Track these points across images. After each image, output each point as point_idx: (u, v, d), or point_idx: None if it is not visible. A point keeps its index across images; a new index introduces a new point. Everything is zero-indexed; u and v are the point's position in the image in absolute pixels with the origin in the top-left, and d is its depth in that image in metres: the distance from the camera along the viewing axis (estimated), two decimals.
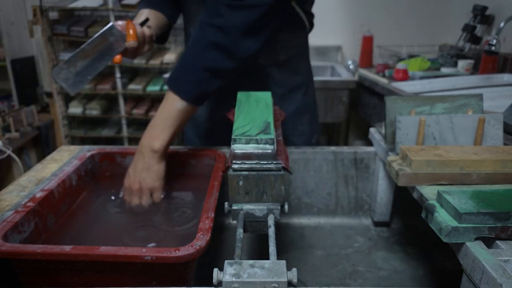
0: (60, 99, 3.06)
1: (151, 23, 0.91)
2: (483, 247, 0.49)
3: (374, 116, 2.09)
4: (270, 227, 0.58)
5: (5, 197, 0.72)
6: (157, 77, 3.10)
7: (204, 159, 0.89)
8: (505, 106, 1.13)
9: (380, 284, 0.79)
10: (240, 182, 0.60)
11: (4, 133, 2.33)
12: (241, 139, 0.61)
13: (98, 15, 3.06)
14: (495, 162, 0.63)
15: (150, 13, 0.93)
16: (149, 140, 0.76)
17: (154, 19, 0.92)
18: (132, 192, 0.77)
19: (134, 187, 0.77)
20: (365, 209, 1.00)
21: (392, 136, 0.77)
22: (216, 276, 0.44)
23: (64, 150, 0.95)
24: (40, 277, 0.58)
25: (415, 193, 0.66)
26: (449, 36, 2.60)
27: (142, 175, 0.76)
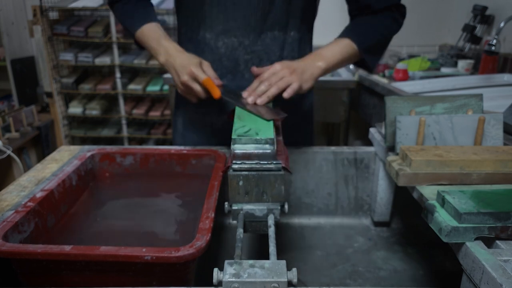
0: (60, 99, 3.06)
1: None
2: (483, 247, 0.49)
3: (374, 116, 2.09)
4: (270, 227, 0.58)
5: (5, 197, 0.72)
6: (157, 77, 3.10)
7: (204, 159, 0.89)
8: (505, 106, 1.13)
9: (380, 284, 0.79)
10: (240, 182, 0.60)
11: (4, 133, 2.33)
12: (241, 139, 0.61)
13: (98, 15, 3.06)
14: (495, 162, 0.63)
15: (160, 28, 0.93)
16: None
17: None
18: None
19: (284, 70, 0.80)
20: (365, 209, 1.00)
21: (392, 136, 0.77)
22: (216, 276, 0.44)
23: (64, 150, 0.95)
24: (40, 277, 0.58)
25: (415, 193, 0.66)
26: (449, 36, 2.60)
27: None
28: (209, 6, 0.92)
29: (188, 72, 0.81)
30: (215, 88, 0.79)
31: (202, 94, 0.82)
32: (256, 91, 0.79)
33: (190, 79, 0.81)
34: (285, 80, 0.79)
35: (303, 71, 0.82)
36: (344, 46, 0.88)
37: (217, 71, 0.97)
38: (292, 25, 0.94)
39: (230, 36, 0.94)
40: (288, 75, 0.79)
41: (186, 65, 0.81)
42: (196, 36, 0.97)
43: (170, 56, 0.85)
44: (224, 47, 0.95)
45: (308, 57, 0.86)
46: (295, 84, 0.79)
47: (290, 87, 0.79)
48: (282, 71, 0.79)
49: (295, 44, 0.96)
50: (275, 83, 0.78)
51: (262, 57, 0.95)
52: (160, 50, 0.87)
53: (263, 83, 0.79)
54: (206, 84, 0.80)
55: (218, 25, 0.93)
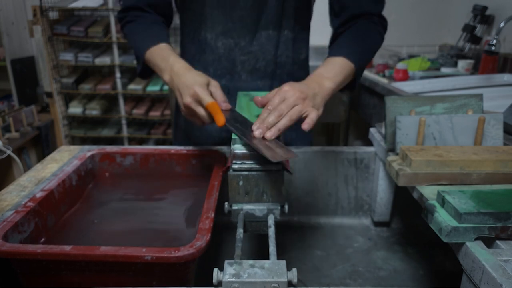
0: (60, 99, 3.06)
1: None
2: (483, 247, 0.49)
3: (374, 116, 2.09)
4: (270, 227, 0.58)
5: (5, 197, 0.72)
6: (157, 77, 3.10)
7: (204, 159, 0.89)
8: (505, 106, 1.13)
9: (380, 284, 0.79)
10: (240, 182, 0.60)
11: (4, 133, 2.33)
12: (241, 139, 0.61)
13: (98, 15, 3.06)
14: (495, 162, 0.63)
15: (170, 48, 0.87)
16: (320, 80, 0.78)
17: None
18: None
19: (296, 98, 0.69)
20: (365, 209, 1.00)
21: (392, 136, 0.77)
22: (216, 276, 0.44)
23: (64, 150, 0.95)
24: (40, 277, 0.58)
25: (415, 193, 0.66)
26: (449, 36, 2.60)
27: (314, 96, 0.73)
28: (210, 7, 0.93)
29: (192, 94, 0.71)
30: (219, 114, 0.68)
31: (207, 120, 0.72)
32: (265, 122, 0.65)
33: (194, 101, 0.71)
34: (297, 109, 0.67)
35: (314, 95, 0.72)
36: (342, 65, 0.81)
37: (217, 71, 0.98)
38: (286, 24, 0.95)
39: (228, 37, 0.95)
40: (301, 103, 0.68)
41: (190, 85, 0.71)
42: (198, 37, 0.97)
43: (175, 74, 0.76)
44: (222, 48, 0.96)
45: (312, 79, 0.77)
46: (314, 113, 0.67)
47: (310, 118, 0.67)
48: (292, 97, 0.67)
49: (289, 43, 0.97)
50: (287, 113, 0.66)
51: (258, 57, 0.96)
52: (165, 68, 0.80)
53: (273, 113, 0.66)
54: (210, 109, 0.69)
55: (218, 26, 0.94)
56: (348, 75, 0.82)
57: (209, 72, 0.98)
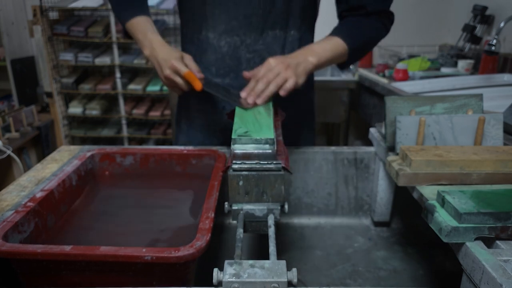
0: (60, 99, 3.06)
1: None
2: (483, 247, 0.49)
3: (374, 116, 2.09)
4: (270, 227, 0.58)
5: (5, 197, 0.72)
6: (157, 77, 3.10)
7: (204, 159, 0.89)
8: (505, 106, 1.13)
9: (380, 284, 0.79)
10: (240, 182, 0.60)
11: (4, 133, 2.33)
12: (241, 139, 0.61)
13: (98, 15, 3.06)
14: (495, 162, 0.63)
15: (149, 21, 0.94)
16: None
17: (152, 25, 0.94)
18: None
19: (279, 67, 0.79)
20: (365, 209, 1.00)
21: (392, 136, 0.77)
22: (216, 276, 0.44)
23: (64, 150, 0.95)
24: (40, 277, 0.58)
25: (415, 193, 0.66)
26: (449, 36, 2.60)
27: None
28: (211, 6, 0.92)
29: (170, 66, 0.82)
30: (196, 81, 0.81)
31: (185, 87, 0.84)
32: (255, 90, 0.77)
33: (172, 72, 0.82)
34: (281, 76, 0.77)
35: (297, 65, 0.81)
36: (335, 45, 0.88)
37: (220, 70, 0.97)
38: (292, 25, 0.95)
39: (232, 35, 0.94)
40: (284, 71, 0.78)
41: (167, 59, 0.83)
42: (198, 36, 0.97)
43: (153, 50, 0.86)
44: (226, 46, 0.95)
45: (300, 52, 0.86)
46: (291, 80, 0.78)
47: (286, 84, 0.77)
48: (277, 66, 0.78)
49: (296, 43, 0.97)
50: (273, 80, 0.77)
51: (264, 56, 0.96)
52: (145, 43, 0.88)
53: (261, 81, 0.77)
54: (187, 77, 0.81)
55: (220, 25, 0.94)
56: (339, 53, 0.88)
57: (211, 71, 0.98)
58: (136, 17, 0.92)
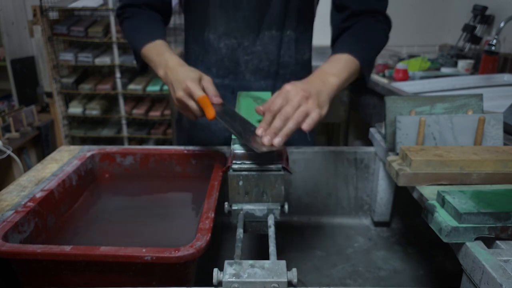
0: (60, 99, 3.06)
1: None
2: (483, 247, 0.49)
3: (374, 116, 2.09)
4: (270, 227, 0.58)
5: (5, 197, 0.72)
6: (157, 77, 3.09)
7: (204, 159, 0.89)
8: (505, 106, 1.13)
9: (380, 284, 0.79)
10: (240, 182, 0.60)
11: (4, 133, 2.33)
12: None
13: (98, 15, 3.06)
14: (495, 162, 0.63)
15: (167, 44, 0.88)
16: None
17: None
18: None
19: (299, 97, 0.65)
20: (365, 209, 1.00)
21: (392, 136, 0.77)
22: (216, 276, 0.44)
23: (64, 150, 0.95)
24: (40, 277, 0.58)
25: (415, 193, 0.66)
26: (449, 36, 2.60)
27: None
28: (213, 7, 0.93)
29: (184, 88, 0.73)
30: (209, 108, 0.70)
31: (198, 113, 0.74)
32: (271, 128, 0.62)
33: (185, 95, 0.73)
34: (302, 110, 0.63)
35: (318, 93, 0.68)
36: (347, 62, 0.78)
37: (220, 71, 0.98)
38: (289, 25, 0.95)
39: (231, 37, 0.95)
40: (305, 102, 0.65)
41: (182, 80, 0.74)
42: (201, 37, 0.98)
43: (169, 69, 0.79)
44: (225, 48, 0.96)
45: (316, 76, 0.74)
46: (315, 113, 0.64)
47: (310, 118, 0.64)
48: (296, 97, 0.64)
49: (292, 44, 0.97)
50: (292, 116, 0.63)
51: (261, 57, 0.96)
52: (160, 63, 0.81)
53: (278, 117, 0.62)
54: (200, 102, 0.72)
55: (221, 26, 0.94)
56: (353, 71, 0.79)
57: (212, 72, 0.98)
58: (153, 41, 0.86)
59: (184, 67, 0.78)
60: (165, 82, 0.80)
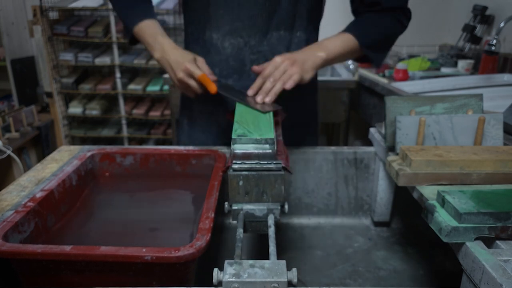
0: (60, 99, 3.06)
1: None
2: (483, 247, 0.49)
3: (374, 116, 2.09)
4: (270, 227, 0.58)
5: (5, 197, 0.72)
6: (157, 77, 3.10)
7: (204, 159, 0.89)
8: (505, 106, 1.13)
9: (380, 284, 0.79)
10: (240, 182, 0.60)
11: (4, 133, 2.33)
12: (241, 139, 0.61)
13: (98, 15, 3.06)
14: (495, 162, 0.63)
15: (158, 24, 0.93)
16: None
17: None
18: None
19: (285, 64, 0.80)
20: (365, 209, 1.00)
21: (392, 136, 0.77)
22: (216, 276, 0.44)
23: (64, 150, 0.95)
24: (40, 277, 0.58)
25: (415, 193, 0.66)
26: (449, 36, 2.60)
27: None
28: (215, 6, 0.92)
29: (183, 69, 0.82)
30: (211, 84, 0.81)
31: (199, 90, 0.84)
32: (263, 89, 0.79)
33: (186, 75, 0.83)
34: (288, 73, 0.79)
35: (304, 61, 0.82)
36: (345, 40, 0.89)
37: (224, 71, 0.97)
38: (299, 25, 0.94)
39: (236, 36, 0.93)
40: (290, 67, 0.79)
41: (180, 62, 0.83)
42: (202, 36, 0.96)
43: (165, 53, 0.87)
44: (230, 47, 0.95)
45: (309, 48, 0.87)
46: (296, 75, 0.79)
47: (291, 79, 0.79)
48: (283, 63, 0.79)
49: (303, 45, 0.96)
50: (280, 78, 0.79)
51: (268, 57, 0.95)
52: (155, 46, 0.88)
53: (268, 80, 0.79)
54: (201, 80, 0.82)
55: (225, 26, 0.93)
56: (350, 49, 0.89)
57: (215, 72, 0.97)
58: (144, 21, 0.92)
59: (179, 50, 0.87)
60: (161, 63, 0.89)
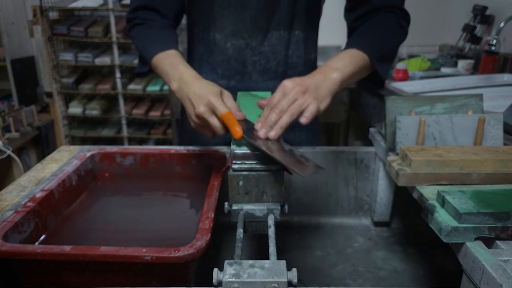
0: (60, 99, 3.06)
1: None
2: (483, 247, 0.49)
3: (374, 116, 2.09)
4: (270, 227, 0.58)
5: (5, 197, 0.72)
6: (157, 77, 3.10)
7: (204, 159, 0.89)
8: (505, 106, 1.13)
9: (380, 284, 0.79)
10: (240, 182, 0.60)
11: (4, 133, 2.33)
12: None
13: (98, 15, 3.06)
14: (495, 162, 0.63)
15: (180, 55, 0.84)
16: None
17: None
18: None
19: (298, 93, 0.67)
20: (365, 209, 1.00)
21: (392, 136, 0.77)
22: (216, 276, 0.44)
23: (64, 150, 0.95)
24: (40, 277, 0.58)
25: (415, 193, 0.66)
26: (449, 36, 2.60)
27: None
28: (220, 7, 0.91)
29: (206, 103, 0.67)
30: (236, 126, 0.63)
31: (221, 131, 0.67)
32: (266, 121, 0.64)
33: (208, 111, 0.67)
34: (298, 103, 0.65)
35: (317, 86, 0.69)
36: (354, 56, 0.78)
37: (226, 72, 0.97)
38: (297, 25, 0.94)
39: (238, 37, 0.93)
40: (301, 96, 0.66)
41: (203, 95, 0.68)
42: (207, 37, 0.96)
43: (184, 83, 0.73)
44: (232, 49, 0.95)
45: (318, 71, 0.75)
46: (312, 105, 0.66)
47: (308, 111, 0.65)
48: (293, 91, 0.66)
49: (301, 44, 0.96)
50: (288, 109, 0.65)
51: (269, 58, 0.95)
52: (174, 76, 0.77)
53: (274, 111, 0.64)
54: (226, 119, 0.65)
55: (228, 26, 0.93)
56: (361, 67, 0.78)
57: (218, 73, 0.97)
58: (165, 51, 0.83)
59: (202, 81, 0.73)
60: (179, 96, 0.75)
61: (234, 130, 0.63)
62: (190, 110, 0.71)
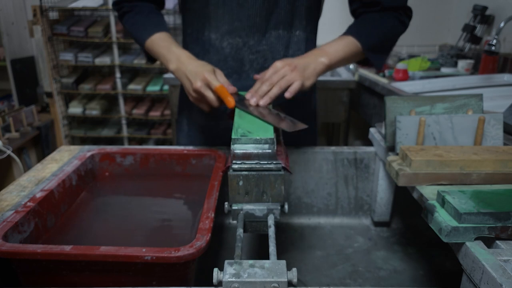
0: (60, 99, 3.06)
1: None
2: (483, 247, 0.49)
3: (374, 116, 2.09)
4: (270, 227, 0.58)
5: (5, 197, 0.72)
6: (157, 77, 3.10)
7: (204, 159, 0.89)
8: (505, 106, 1.13)
9: (380, 284, 0.79)
10: (240, 182, 0.60)
11: (4, 133, 2.33)
12: (241, 139, 0.61)
13: (98, 15, 3.06)
14: (495, 162, 0.63)
15: (170, 36, 0.92)
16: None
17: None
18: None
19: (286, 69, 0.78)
20: (365, 209, 1.00)
21: (392, 136, 0.77)
22: (216, 276, 0.44)
23: (64, 150, 0.95)
24: (40, 277, 0.58)
25: (415, 193, 0.66)
26: (449, 36, 2.60)
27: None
28: (214, 6, 0.91)
29: (202, 78, 0.78)
30: (229, 97, 0.75)
31: (215, 102, 0.79)
32: (258, 92, 0.77)
33: (204, 85, 0.78)
34: (286, 78, 0.77)
35: (305, 67, 0.80)
36: (347, 44, 0.87)
37: (223, 71, 0.97)
38: (297, 24, 0.94)
39: (235, 36, 0.93)
40: (290, 73, 0.78)
41: (199, 72, 0.79)
42: (201, 37, 0.96)
43: (181, 63, 0.83)
44: (229, 47, 0.94)
45: (310, 53, 0.85)
46: (297, 82, 0.77)
47: (292, 86, 0.77)
48: (283, 69, 0.78)
49: (302, 44, 0.96)
50: (277, 83, 0.77)
51: (267, 57, 0.95)
52: (171, 57, 0.85)
53: (265, 84, 0.78)
54: (219, 92, 0.76)
55: (223, 26, 0.93)
56: (352, 53, 0.87)
57: None
58: (156, 34, 0.90)
59: (196, 60, 0.84)
60: (177, 75, 0.84)
61: (227, 100, 0.75)
62: (188, 86, 0.82)
